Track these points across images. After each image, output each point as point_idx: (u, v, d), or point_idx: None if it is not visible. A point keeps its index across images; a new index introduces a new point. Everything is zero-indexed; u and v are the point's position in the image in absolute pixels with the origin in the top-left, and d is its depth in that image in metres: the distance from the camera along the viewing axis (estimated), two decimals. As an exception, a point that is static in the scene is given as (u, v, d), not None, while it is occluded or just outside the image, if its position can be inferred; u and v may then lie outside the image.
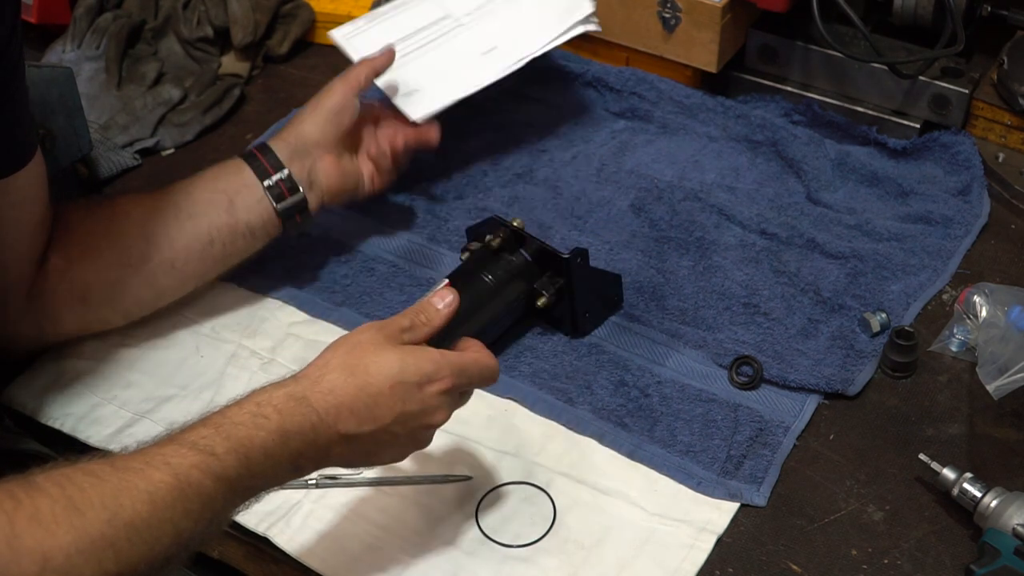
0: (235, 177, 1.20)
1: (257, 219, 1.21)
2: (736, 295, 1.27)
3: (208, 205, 1.19)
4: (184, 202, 1.18)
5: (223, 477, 0.84)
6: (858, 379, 1.18)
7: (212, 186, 1.20)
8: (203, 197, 1.19)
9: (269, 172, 1.21)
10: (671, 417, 1.15)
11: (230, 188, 1.20)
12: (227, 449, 0.85)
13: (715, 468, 1.11)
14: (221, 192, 1.19)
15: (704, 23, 1.44)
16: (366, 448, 0.95)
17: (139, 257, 1.17)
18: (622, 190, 1.40)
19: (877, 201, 1.39)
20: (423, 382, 0.95)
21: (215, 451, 0.85)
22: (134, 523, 0.79)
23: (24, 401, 1.19)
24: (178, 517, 0.81)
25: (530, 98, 1.55)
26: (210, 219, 1.19)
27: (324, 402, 0.91)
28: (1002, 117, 1.42)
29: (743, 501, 1.09)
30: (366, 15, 1.45)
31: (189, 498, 0.82)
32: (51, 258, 1.15)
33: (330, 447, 0.92)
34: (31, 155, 1.09)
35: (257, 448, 0.87)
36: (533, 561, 1.05)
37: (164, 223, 1.17)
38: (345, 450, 0.94)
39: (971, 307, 1.21)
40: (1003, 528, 1.01)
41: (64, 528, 0.76)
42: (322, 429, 0.91)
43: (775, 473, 1.11)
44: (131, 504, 0.79)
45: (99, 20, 1.57)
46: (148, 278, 1.18)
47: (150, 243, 1.17)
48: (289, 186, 1.21)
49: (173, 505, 0.81)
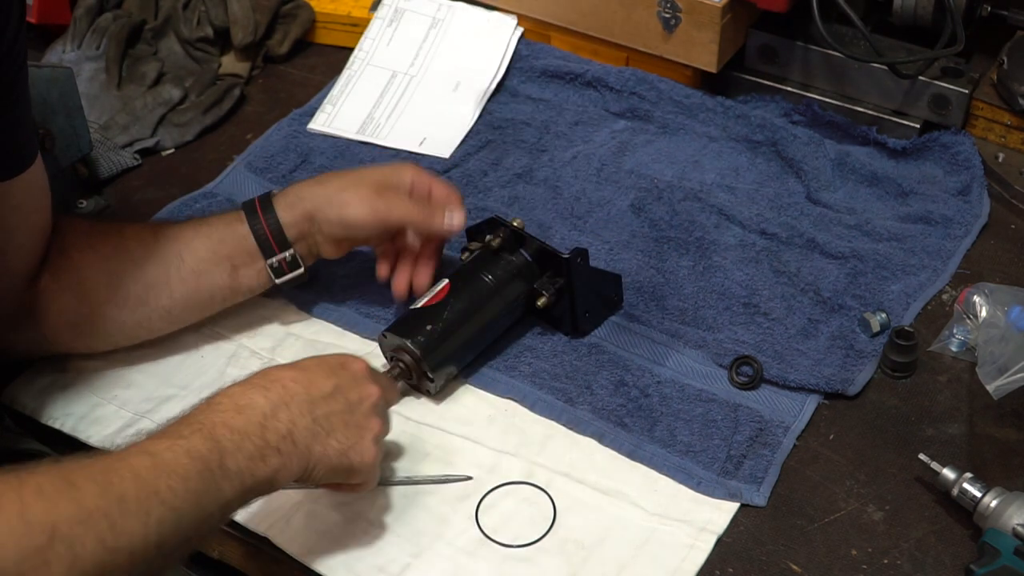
0: (239, 245, 1.18)
1: (257, 284, 1.21)
2: (736, 295, 1.27)
3: (212, 265, 1.18)
4: (188, 256, 1.17)
5: (196, 454, 0.89)
6: (858, 379, 1.18)
7: (217, 248, 1.18)
8: (207, 256, 1.18)
9: (274, 250, 1.19)
10: (671, 417, 1.15)
11: (234, 256, 1.18)
12: (192, 431, 0.91)
13: (715, 468, 1.11)
14: (225, 258, 1.18)
15: (704, 23, 1.44)
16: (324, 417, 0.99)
17: (135, 300, 1.16)
18: (622, 190, 1.40)
19: (877, 201, 1.39)
20: (343, 363, 1.04)
21: (181, 433, 0.91)
22: (124, 497, 0.84)
23: (24, 401, 1.19)
24: (163, 491, 0.86)
25: (530, 98, 1.55)
26: (212, 279, 1.18)
27: (265, 380, 0.99)
28: (1002, 117, 1.42)
29: (743, 501, 1.09)
30: (328, 98, 1.55)
31: (168, 474, 0.87)
32: (43, 278, 1.14)
33: (292, 418, 0.97)
34: (32, 159, 1.08)
35: (219, 424, 0.93)
36: (533, 561, 1.05)
37: (165, 272, 1.17)
38: (308, 421, 0.98)
39: (971, 307, 1.21)
40: (1003, 528, 1.01)
41: (64, 500, 0.81)
42: (274, 398, 0.97)
43: (775, 473, 1.11)
44: (118, 480, 0.85)
45: (99, 20, 1.57)
46: (142, 321, 1.18)
47: (148, 289, 1.16)
48: (291, 263, 1.20)
49: (156, 480, 0.86)
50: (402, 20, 1.60)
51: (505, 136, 1.49)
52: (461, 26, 1.59)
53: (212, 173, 1.46)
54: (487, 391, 1.19)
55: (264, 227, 1.18)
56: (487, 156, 1.47)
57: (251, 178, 1.45)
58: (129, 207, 1.42)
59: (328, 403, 1.00)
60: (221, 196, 1.42)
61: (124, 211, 1.41)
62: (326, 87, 1.57)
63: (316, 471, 0.99)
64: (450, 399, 1.19)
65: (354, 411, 1.01)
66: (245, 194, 1.42)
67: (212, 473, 0.90)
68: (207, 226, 1.19)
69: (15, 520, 0.78)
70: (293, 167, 1.46)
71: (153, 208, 1.40)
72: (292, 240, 1.19)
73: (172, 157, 1.51)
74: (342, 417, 1.00)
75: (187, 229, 1.19)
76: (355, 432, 1.01)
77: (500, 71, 1.56)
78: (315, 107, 1.54)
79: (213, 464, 0.90)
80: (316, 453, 0.98)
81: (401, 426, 1.15)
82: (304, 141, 1.49)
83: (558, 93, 1.55)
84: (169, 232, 1.19)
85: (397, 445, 1.14)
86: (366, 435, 1.01)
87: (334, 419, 1.00)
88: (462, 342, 1.18)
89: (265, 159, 1.47)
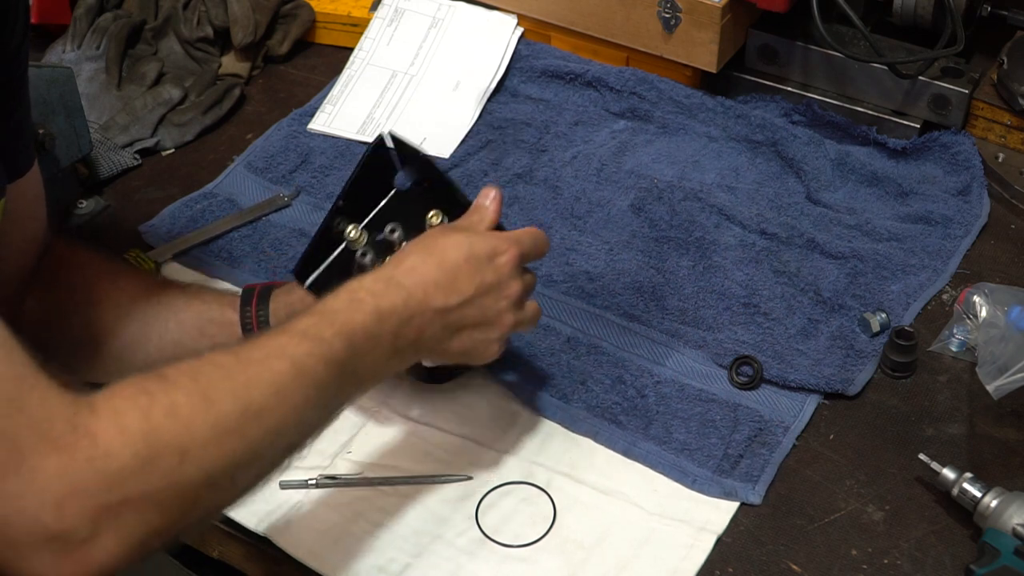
0: (227, 330, 1.15)
1: None
2: (736, 295, 1.27)
3: (194, 342, 1.14)
4: (174, 326, 1.13)
5: (333, 361, 0.89)
6: (858, 379, 1.18)
7: (204, 328, 1.14)
8: (193, 333, 1.14)
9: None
10: (668, 415, 1.16)
11: (219, 336, 1.14)
12: (334, 333, 0.90)
13: (710, 466, 1.11)
14: (209, 338, 1.14)
15: (704, 23, 1.44)
16: (457, 325, 1.00)
17: (111, 355, 1.12)
18: (622, 190, 1.40)
19: (877, 201, 1.39)
20: (492, 254, 1.02)
21: (323, 336, 0.90)
22: (262, 413, 0.83)
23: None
24: (299, 403, 0.86)
25: (530, 98, 1.55)
26: (194, 349, 1.11)
27: (409, 279, 0.98)
28: (1002, 117, 1.42)
29: (738, 499, 1.09)
30: (328, 98, 1.54)
31: (307, 385, 0.87)
32: (27, 301, 1.11)
33: (423, 325, 0.97)
34: (29, 166, 1.06)
35: (359, 330, 0.92)
36: (533, 561, 1.05)
37: (147, 334, 1.13)
38: (437, 328, 0.99)
39: (971, 307, 1.21)
40: (1003, 528, 1.01)
41: (200, 420, 0.79)
42: (413, 304, 0.97)
43: (771, 472, 1.11)
44: (260, 396, 0.84)
45: (99, 20, 1.57)
46: (112, 371, 1.11)
47: (125, 349, 1.12)
48: None
49: (294, 393, 0.86)
50: (402, 20, 1.60)
51: (505, 136, 1.49)
52: (461, 26, 1.59)
53: (212, 173, 1.46)
54: (484, 388, 1.19)
55: (253, 318, 1.15)
56: (487, 156, 1.47)
57: (251, 178, 1.45)
58: (129, 207, 1.42)
59: (463, 309, 1.00)
60: (221, 196, 1.42)
61: (124, 211, 1.41)
62: (326, 87, 1.57)
63: (435, 359, 1.04)
64: (450, 399, 1.19)
65: (487, 313, 1.02)
66: (245, 194, 1.42)
67: (346, 377, 0.91)
68: (200, 301, 1.16)
69: (140, 444, 0.76)
70: (293, 167, 1.46)
71: (153, 208, 1.41)
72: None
73: (172, 157, 1.51)
74: (474, 320, 1.01)
75: (179, 298, 1.16)
76: (483, 332, 1.02)
77: (500, 71, 1.56)
78: (315, 107, 1.54)
79: (348, 369, 0.91)
80: (437, 351, 1.01)
81: (401, 426, 1.16)
82: (304, 141, 1.50)
83: (558, 93, 1.55)
84: (162, 296, 1.15)
85: (397, 445, 1.14)
86: (492, 334, 1.03)
87: (466, 322, 1.01)
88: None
89: (265, 159, 1.47)
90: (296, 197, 1.42)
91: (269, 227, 1.38)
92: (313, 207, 1.40)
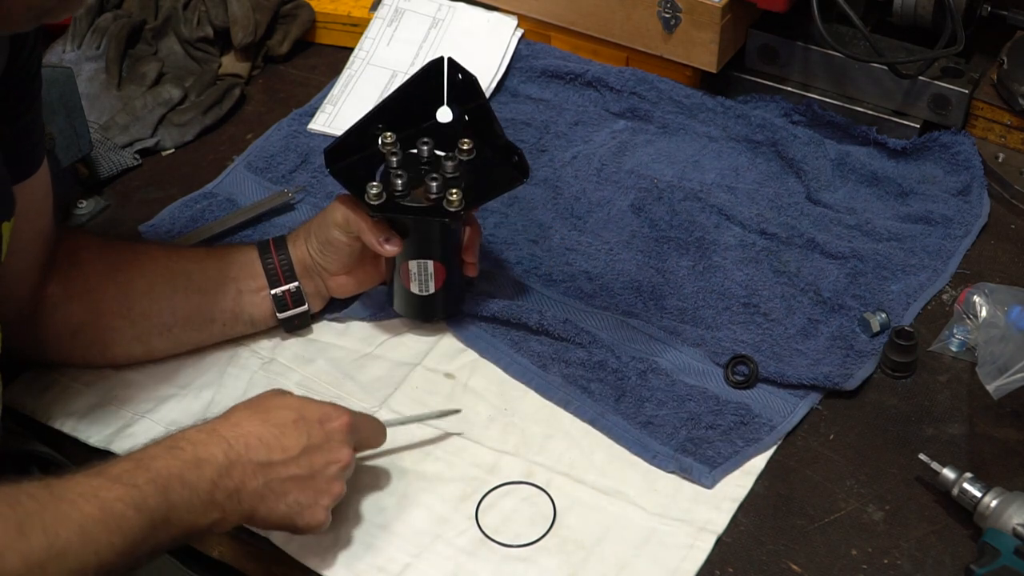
0: (247, 269, 1.20)
1: (259, 315, 1.22)
2: (736, 295, 1.27)
3: (218, 285, 1.19)
4: (196, 273, 1.19)
5: (144, 507, 0.90)
6: (856, 374, 1.18)
7: (225, 269, 1.20)
8: (215, 276, 1.19)
9: (280, 280, 1.20)
10: (645, 391, 1.17)
11: (240, 279, 1.20)
12: (147, 480, 0.92)
13: (672, 443, 1.12)
14: (232, 280, 1.19)
15: (704, 23, 1.44)
16: (279, 481, 0.99)
17: (139, 314, 1.17)
18: (622, 190, 1.40)
19: (877, 201, 1.39)
20: (323, 419, 1.02)
21: (136, 482, 0.91)
22: (65, 552, 0.85)
23: (25, 402, 1.19)
24: (102, 548, 0.88)
25: (530, 98, 1.55)
26: (216, 300, 1.19)
27: (232, 432, 0.98)
28: (1002, 117, 1.42)
29: (691, 479, 1.10)
30: (328, 98, 1.54)
31: (112, 531, 0.88)
32: (50, 286, 1.15)
33: (244, 478, 0.97)
34: (39, 165, 1.10)
35: (175, 477, 0.93)
36: (533, 561, 1.05)
37: (172, 289, 1.18)
38: (259, 484, 0.98)
39: (971, 307, 1.21)
40: (1003, 528, 1.01)
41: (11, 553, 0.83)
42: (233, 456, 0.97)
43: (737, 463, 1.11)
44: (66, 534, 0.86)
45: (99, 20, 1.57)
46: (142, 335, 1.18)
47: (153, 303, 1.17)
48: (295, 299, 1.20)
49: (98, 537, 0.87)
50: (402, 20, 1.60)
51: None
52: (461, 26, 1.59)
53: (212, 173, 1.46)
54: (484, 388, 1.19)
55: (274, 258, 1.20)
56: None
57: (251, 178, 1.45)
58: (129, 207, 1.42)
59: (288, 467, 0.99)
60: (221, 196, 1.42)
61: (124, 211, 1.41)
62: (326, 87, 1.57)
63: (256, 525, 1.02)
64: (450, 399, 1.19)
65: (316, 476, 1.00)
66: (245, 194, 1.42)
67: (155, 527, 0.91)
68: (219, 249, 1.23)
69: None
70: (293, 167, 1.46)
71: (153, 208, 1.40)
72: (299, 271, 1.20)
73: (172, 157, 1.51)
74: (299, 482, 0.99)
75: (199, 250, 1.23)
76: (310, 496, 1.00)
77: (500, 71, 1.56)
78: (315, 107, 1.54)
79: (158, 519, 0.91)
80: (260, 513, 0.99)
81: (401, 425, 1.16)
82: (304, 141, 1.49)
83: (558, 93, 1.55)
84: (181, 251, 1.22)
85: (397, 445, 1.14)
86: (321, 500, 1.01)
87: (289, 484, 0.99)
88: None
89: (265, 159, 1.47)
90: (301, 192, 1.41)
91: (269, 228, 1.37)
92: (313, 207, 1.40)
